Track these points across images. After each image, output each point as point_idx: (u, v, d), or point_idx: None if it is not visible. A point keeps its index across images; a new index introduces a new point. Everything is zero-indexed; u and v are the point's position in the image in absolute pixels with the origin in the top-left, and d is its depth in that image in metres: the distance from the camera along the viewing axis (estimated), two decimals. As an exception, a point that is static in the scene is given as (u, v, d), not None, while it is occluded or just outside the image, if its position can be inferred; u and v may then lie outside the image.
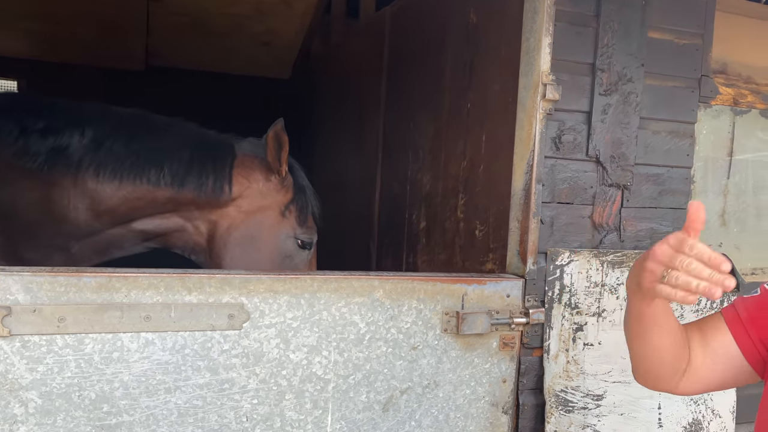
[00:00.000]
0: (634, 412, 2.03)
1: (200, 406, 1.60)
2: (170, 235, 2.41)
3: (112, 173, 2.21)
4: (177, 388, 1.57)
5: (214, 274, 1.60)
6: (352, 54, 4.72)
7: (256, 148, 2.42)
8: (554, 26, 1.87)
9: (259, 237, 2.35)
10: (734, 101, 2.18)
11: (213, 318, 1.60)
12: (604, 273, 1.96)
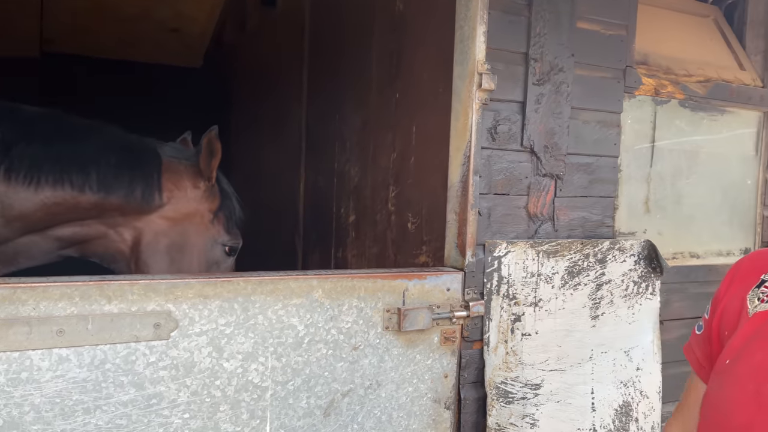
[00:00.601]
0: (569, 398, 2.06)
1: (125, 425, 1.45)
2: (90, 243, 2.25)
3: (26, 177, 2.03)
4: (97, 407, 1.42)
5: (136, 279, 1.46)
6: (269, 42, 4.55)
7: (178, 153, 2.34)
8: (488, 14, 1.84)
9: (187, 244, 2.26)
10: (655, 91, 2.24)
11: (137, 328, 1.45)
12: (540, 263, 1.97)
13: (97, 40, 5.33)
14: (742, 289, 1.15)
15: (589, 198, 2.09)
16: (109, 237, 2.24)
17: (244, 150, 5.09)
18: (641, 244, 2.14)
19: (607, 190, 2.13)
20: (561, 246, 2.00)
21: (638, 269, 2.14)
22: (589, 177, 2.09)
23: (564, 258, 2.00)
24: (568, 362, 2.04)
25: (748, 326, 1.08)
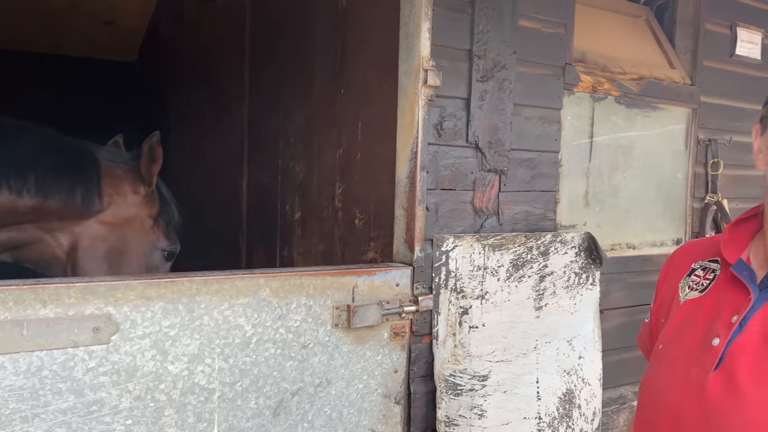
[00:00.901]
0: (516, 388, 2.10)
1: (64, 434, 1.39)
2: (25, 248, 2.16)
3: None
4: (35, 416, 1.35)
5: (73, 282, 1.39)
6: (208, 36, 4.44)
7: (116, 157, 2.28)
8: (432, 11, 1.85)
9: (126, 249, 2.21)
10: (593, 88, 2.31)
11: (75, 333, 1.39)
12: (486, 256, 2.00)
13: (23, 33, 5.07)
14: (675, 278, 1.20)
15: (532, 192, 2.14)
16: (45, 242, 2.15)
17: (183, 146, 4.96)
18: (581, 236, 2.21)
19: (549, 184, 2.19)
20: (506, 239, 2.03)
21: (579, 261, 2.20)
22: (531, 172, 2.13)
23: (509, 251, 2.04)
24: (513, 353, 2.08)
25: (679, 314, 1.13)
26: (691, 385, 1.00)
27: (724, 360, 0.98)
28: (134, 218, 2.27)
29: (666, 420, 1.03)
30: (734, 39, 2.77)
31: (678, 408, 1.01)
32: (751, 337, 0.97)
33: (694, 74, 2.67)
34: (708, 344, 1.01)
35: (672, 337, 1.11)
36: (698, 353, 1.02)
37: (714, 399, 0.96)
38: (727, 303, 1.05)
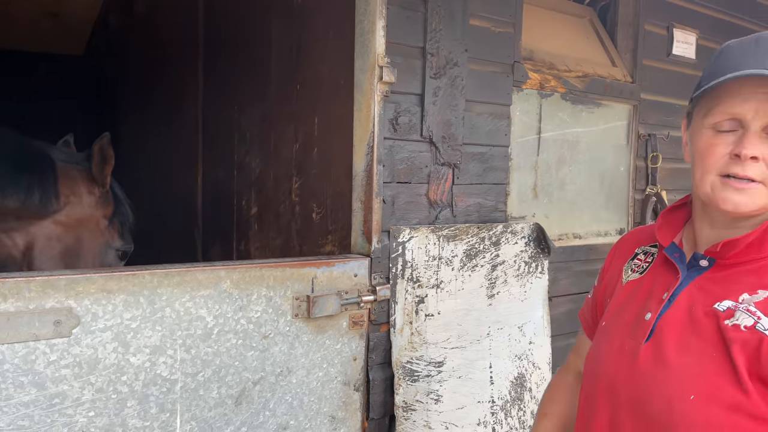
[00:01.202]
0: (470, 373, 2.19)
1: (27, 426, 1.39)
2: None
3: None
4: (-5, 411, 1.36)
5: (33, 276, 1.40)
6: (159, 30, 4.38)
7: (70, 157, 2.26)
8: (387, 9, 1.91)
9: (81, 250, 2.20)
10: (540, 86, 2.42)
11: (36, 326, 1.40)
12: (441, 247, 2.07)
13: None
14: (621, 261, 1.30)
15: (484, 185, 2.23)
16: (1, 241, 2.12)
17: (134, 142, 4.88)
18: (531, 227, 2.31)
19: (500, 177, 2.28)
20: (459, 230, 2.11)
21: (529, 250, 2.31)
22: (483, 165, 2.22)
23: (462, 242, 2.12)
24: (468, 339, 2.17)
25: (622, 293, 1.22)
26: (625, 356, 1.09)
27: (654, 332, 1.07)
28: (89, 219, 2.26)
29: (603, 389, 1.12)
30: (671, 39, 2.92)
31: (614, 377, 1.10)
32: (678, 312, 1.06)
33: (635, 72, 2.82)
34: (641, 319, 1.10)
35: (614, 314, 1.20)
36: (633, 327, 1.11)
37: (644, 368, 1.05)
38: (660, 282, 1.14)
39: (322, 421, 1.87)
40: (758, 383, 0.94)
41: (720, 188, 1.03)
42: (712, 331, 1.01)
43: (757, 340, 0.95)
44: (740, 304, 1.00)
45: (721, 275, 1.06)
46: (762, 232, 1.03)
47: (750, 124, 1.00)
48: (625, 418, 1.07)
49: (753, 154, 0.99)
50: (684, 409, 0.98)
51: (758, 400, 0.94)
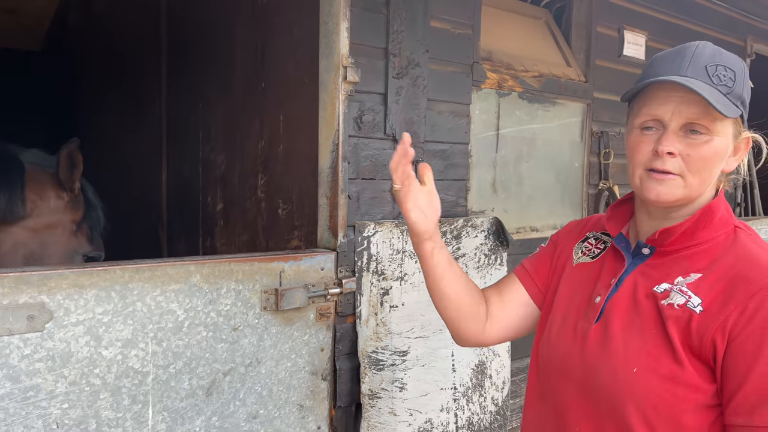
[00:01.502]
0: (433, 362, 2.28)
1: (2, 419, 1.42)
2: None
3: None
4: (-31, 405, 1.38)
5: (6, 272, 1.43)
6: (120, 28, 4.35)
7: (41, 161, 2.25)
8: (350, 11, 1.98)
9: (48, 256, 2.18)
10: (499, 85, 2.52)
11: (9, 321, 1.42)
12: (404, 240, 2.15)
13: None
14: (572, 241, 1.40)
15: (445, 181, 2.32)
16: None
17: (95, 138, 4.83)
18: (490, 221, 2.41)
19: (460, 173, 2.37)
20: (422, 225, 2.19)
21: (488, 243, 2.41)
22: (444, 162, 2.31)
23: (425, 235, 2.20)
24: (431, 329, 2.25)
25: (573, 275, 1.32)
26: (577, 336, 1.19)
27: (603, 314, 1.17)
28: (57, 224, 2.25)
29: (557, 367, 1.22)
30: (622, 41, 3.06)
31: (567, 356, 1.20)
32: (624, 294, 1.17)
33: (588, 72, 2.94)
34: (592, 302, 1.21)
35: (566, 297, 1.30)
36: (585, 310, 1.21)
37: (593, 346, 1.16)
38: (609, 268, 1.25)
39: (290, 409, 1.93)
40: (690, 355, 1.05)
41: (646, 180, 1.15)
42: (651, 311, 1.11)
43: (688, 317, 1.06)
44: (675, 285, 1.11)
45: (660, 261, 1.17)
46: (694, 221, 1.14)
47: (669, 123, 1.12)
48: (577, 392, 1.17)
49: (669, 150, 1.11)
50: (627, 380, 1.08)
51: (691, 371, 1.05)
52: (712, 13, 3.61)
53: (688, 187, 1.13)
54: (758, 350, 1.00)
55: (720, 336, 1.03)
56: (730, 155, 1.16)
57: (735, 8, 3.77)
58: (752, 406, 1.00)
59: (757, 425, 0.99)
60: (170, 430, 1.68)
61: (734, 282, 1.06)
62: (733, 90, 1.11)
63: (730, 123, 1.13)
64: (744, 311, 1.02)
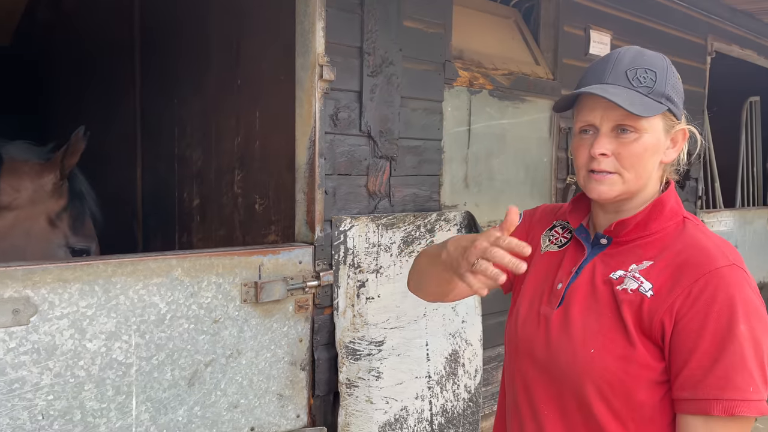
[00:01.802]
0: (408, 351, 2.35)
1: (-14, 412, 1.46)
2: None
3: None
4: (-44, 397, 1.41)
5: (-9, 267, 1.46)
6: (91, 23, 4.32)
7: (25, 152, 2.25)
8: (326, 11, 2.03)
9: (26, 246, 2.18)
10: (470, 83, 2.60)
11: (-6, 316, 1.45)
12: (380, 234, 2.22)
13: None
14: (541, 228, 1.48)
15: (419, 176, 2.39)
16: None
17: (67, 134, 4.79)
18: (462, 214, 2.49)
19: (434, 169, 2.44)
20: (397, 219, 2.27)
21: (460, 236, 2.49)
22: (418, 158, 2.38)
23: (400, 229, 2.28)
24: (406, 320, 2.33)
25: (540, 263, 1.40)
26: (541, 321, 1.28)
27: (564, 300, 1.26)
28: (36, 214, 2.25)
29: (523, 350, 1.30)
30: (588, 40, 3.17)
31: (532, 339, 1.28)
32: (583, 281, 1.26)
33: (556, 70, 3.04)
34: (554, 289, 1.29)
35: (534, 284, 1.38)
36: (549, 296, 1.30)
37: (555, 330, 1.24)
38: (570, 257, 1.34)
39: (270, 399, 1.99)
40: (642, 336, 1.14)
41: (588, 181, 1.25)
42: (608, 296, 1.20)
43: (639, 300, 1.15)
44: (629, 272, 1.20)
45: (617, 251, 1.26)
46: (646, 213, 1.23)
47: (600, 127, 1.22)
48: (541, 372, 1.26)
49: (601, 151, 1.20)
50: (585, 361, 1.17)
51: (642, 350, 1.14)
52: (673, 12, 3.75)
53: (626, 183, 1.22)
54: (701, 329, 1.09)
55: (668, 318, 1.12)
56: (668, 147, 1.25)
57: (695, 8, 3.92)
58: (696, 381, 1.09)
59: (701, 398, 1.08)
60: (154, 420, 1.73)
61: (681, 268, 1.15)
62: (654, 89, 1.20)
63: (658, 119, 1.22)
64: (689, 295, 1.11)
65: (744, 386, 1.07)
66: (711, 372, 1.08)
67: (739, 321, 1.08)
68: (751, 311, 1.10)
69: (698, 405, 1.09)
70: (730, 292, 1.10)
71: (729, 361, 1.07)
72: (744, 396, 1.07)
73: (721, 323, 1.09)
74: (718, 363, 1.08)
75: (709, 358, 1.09)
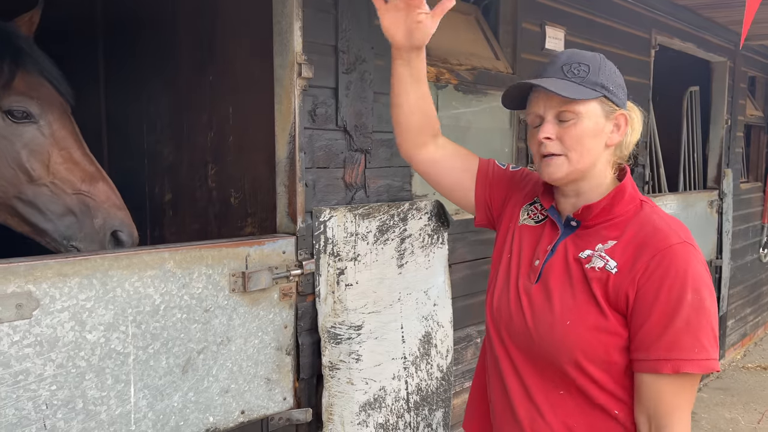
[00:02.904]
0: (384, 334, 2.48)
1: (-6, 404, 1.51)
2: None
3: None
4: (-35, 390, 1.46)
5: (-7, 264, 1.51)
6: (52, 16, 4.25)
7: None
8: (302, 11, 2.12)
9: None
10: (436, 78, 2.73)
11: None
12: (357, 224, 2.34)
13: None
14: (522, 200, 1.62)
15: (392, 168, 2.51)
16: None
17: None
18: (432, 203, 2.63)
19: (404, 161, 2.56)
20: (372, 209, 2.39)
21: (431, 224, 2.63)
22: (390, 151, 2.50)
23: (375, 219, 2.40)
24: (382, 305, 2.46)
25: (517, 237, 1.54)
26: (521, 294, 1.43)
27: (542, 275, 1.41)
28: None
29: (505, 321, 1.45)
30: (544, 35, 3.34)
31: (513, 312, 1.43)
32: (558, 259, 1.41)
33: (515, 65, 3.21)
34: (533, 264, 1.44)
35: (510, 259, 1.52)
36: (527, 272, 1.44)
37: (536, 304, 1.39)
38: (546, 236, 1.49)
39: (258, 383, 2.09)
40: (610, 308, 1.30)
41: (541, 166, 1.41)
42: (579, 273, 1.36)
43: (606, 277, 1.31)
44: (595, 252, 1.36)
45: (585, 232, 1.42)
46: (610, 199, 1.39)
47: (545, 116, 1.39)
48: (523, 342, 1.41)
49: (546, 135, 1.38)
50: (562, 331, 1.32)
51: (613, 321, 1.30)
52: (619, 8, 3.97)
53: (571, 163, 1.38)
54: (654, 299, 1.26)
55: (631, 290, 1.28)
56: (611, 132, 1.41)
57: (640, 3, 4.15)
58: (649, 343, 1.26)
59: (652, 359, 1.25)
60: (151, 406, 1.81)
61: (640, 247, 1.31)
62: (587, 78, 1.37)
63: (595, 104, 1.38)
64: (646, 269, 1.28)
65: (689, 348, 1.24)
66: (662, 336, 1.25)
67: (687, 291, 1.25)
68: (700, 283, 1.27)
69: (650, 364, 1.26)
70: (680, 266, 1.27)
71: (677, 326, 1.24)
72: (689, 356, 1.24)
73: (672, 293, 1.25)
74: (667, 328, 1.25)
75: (660, 323, 1.25)
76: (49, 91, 2.11)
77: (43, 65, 2.15)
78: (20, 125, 2.02)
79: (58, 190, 2.04)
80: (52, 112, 2.08)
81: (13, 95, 2.01)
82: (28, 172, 2.01)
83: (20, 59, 2.07)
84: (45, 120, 2.06)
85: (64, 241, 2.07)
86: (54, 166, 2.04)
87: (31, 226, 2.07)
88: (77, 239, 2.07)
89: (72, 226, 2.06)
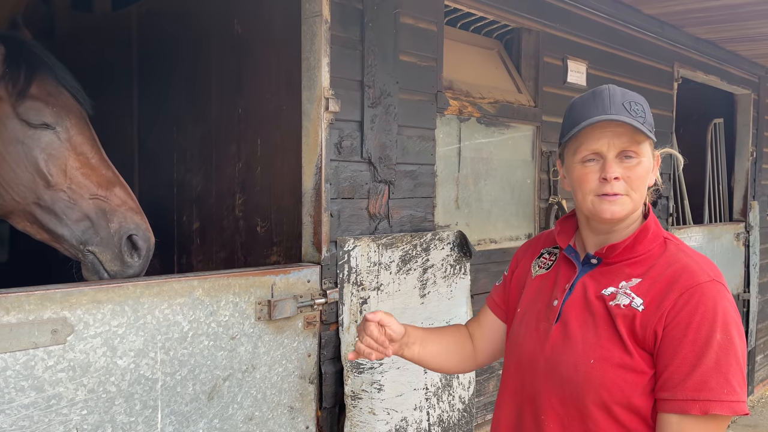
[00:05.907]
0: (407, 364, 2.49)
1: (27, 426, 1.56)
2: None
3: None
4: (1, 411, 1.51)
5: (32, 291, 1.57)
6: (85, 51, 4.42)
7: None
8: (330, 48, 2.20)
9: None
10: (459, 111, 2.78)
11: (35, 335, 1.56)
12: (380, 254, 2.37)
13: None
14: (529, 259, 1.65)
15: (414, 198, 2.55)
16: None
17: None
18: (454, 234, 2.66)
19: (428, 191, 2.61)
20: (395, 239, 2.42)
21: (453, 254, 2.65)
22: (413, 182, 2.54)
23: (398, 249, 2.43)
24: (404, 334, 2.47)
25: (532, 286, 1.56)
26: (540, 335, 1.43)
27: (561, 315, 1.41)
28: None
29: (525, 364, 1.45)
30: (565, 69, 3.39)
31: (533, 354, 1.43)
32: (577, 297, 1.41)
33: (537, 98, 3.25)
34: (551, 305, 1.45)
35: (528, 304, 1.54)
36: (545, 312, 1.45)
37: (555, 344, 1.39)
38: (563, 275, 1.49)
39: (282, 411, 2.11)
40: (636, 346, 1.30)
41: (598, 204, 1.39)
42: (602, 310, 1.36)
43: (632, 314, 1.31)
44: (620, 289, 1.36)
45: (607, 269, 1.42)
46: (633, 238, 1.40)
47: (606, 154, 1.37)
48: (544, 383, 1.40)
49: (615, 175, 1.36)
50: (587, 370, 1.32)
51: (638, 359, 1.29)
52: (641, 42, 4.00)
53: (633, 202, 1.39)
54: (683, 337, 1.25)
55: (659, 327, 1.28)
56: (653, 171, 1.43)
57: (663, 38, 4.19)
58: (676, 383, 1.25)
59: (679, 398, 1.24)
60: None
61: (669, 284, 1.31)
62: (646, 119, 1.39)
63: (648, 145, 1.40)
64: (674, 306, 1.28)
65: (718, 389, 1.22)
66: (690, 375, 1.23)
67: (716, 331, 1.24)
68: (728, 321, 1.26)
69: (677, 404, 1.24)
70: (709, 304, 1.26)
71: (706, 366, 1.23)
72: (718, 397, 1.22)
73: (700, 333, 1.25)
74: (696, 368, 1.23)
75: (688, 362, 1.24)
76: (65, 98, 2.14)
77: (59, 73, 2.18)
78: (37, 131, 2.05)
79: (76, 195, 2.05)
80: (69, 118, 2.10)
81: (30, 102, 2.04)
82: (45, 177, 2.04)
83: (36, 67, 2.11)
84: (62, 126, 2.08)
85: (81, 246, 2.05)
86: (71, 171, 2.06)
87: (49, 233, 2.09)
88: (93, 243, 2.04)
89: (88, 231, 2.04)
